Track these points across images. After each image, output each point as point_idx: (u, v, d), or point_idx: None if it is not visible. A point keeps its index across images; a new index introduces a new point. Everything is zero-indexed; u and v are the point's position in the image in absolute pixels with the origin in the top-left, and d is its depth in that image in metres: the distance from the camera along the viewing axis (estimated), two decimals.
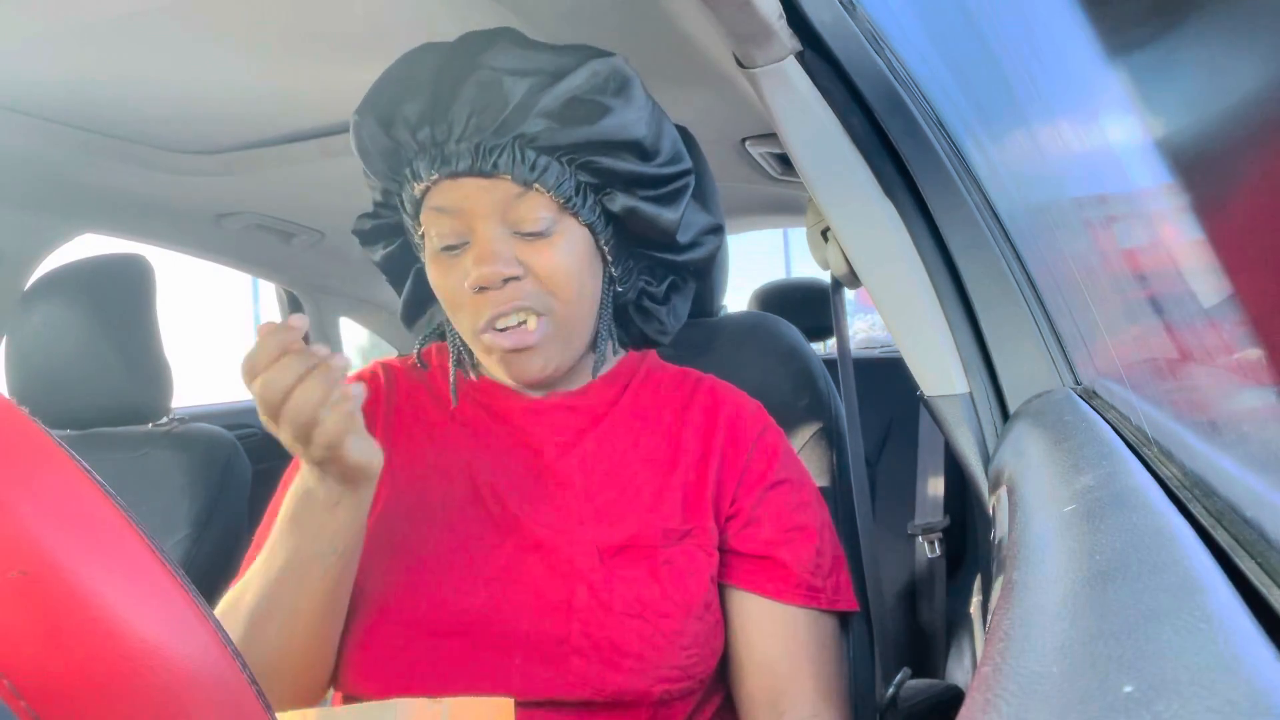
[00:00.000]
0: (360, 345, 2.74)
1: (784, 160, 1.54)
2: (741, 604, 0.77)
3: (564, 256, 0.73)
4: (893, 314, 0.85)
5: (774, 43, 0.75)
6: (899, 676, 0.89)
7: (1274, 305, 0.30)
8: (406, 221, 0.79)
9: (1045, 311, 0.81)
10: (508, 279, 0.72)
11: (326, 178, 1.43)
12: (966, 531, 1.69)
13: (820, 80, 0.79)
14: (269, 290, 2.25)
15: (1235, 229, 0.32)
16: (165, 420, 1.39)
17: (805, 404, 1.01)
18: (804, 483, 0.83)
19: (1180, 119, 0.36)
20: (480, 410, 0.83)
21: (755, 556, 0.77)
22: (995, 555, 0.55)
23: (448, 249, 0.74)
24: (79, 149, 1.27)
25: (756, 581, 0.77)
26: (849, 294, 1.06)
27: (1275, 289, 0.30)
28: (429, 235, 0.75)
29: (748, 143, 1.45)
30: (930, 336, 0.83)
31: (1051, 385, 0.79)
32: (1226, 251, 0.34)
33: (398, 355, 0.95)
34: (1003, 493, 0.59)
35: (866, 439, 1.61)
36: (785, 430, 0.87)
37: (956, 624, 1.59)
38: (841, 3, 0.78)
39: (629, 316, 0.86)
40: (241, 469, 1.38)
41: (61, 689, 0.27)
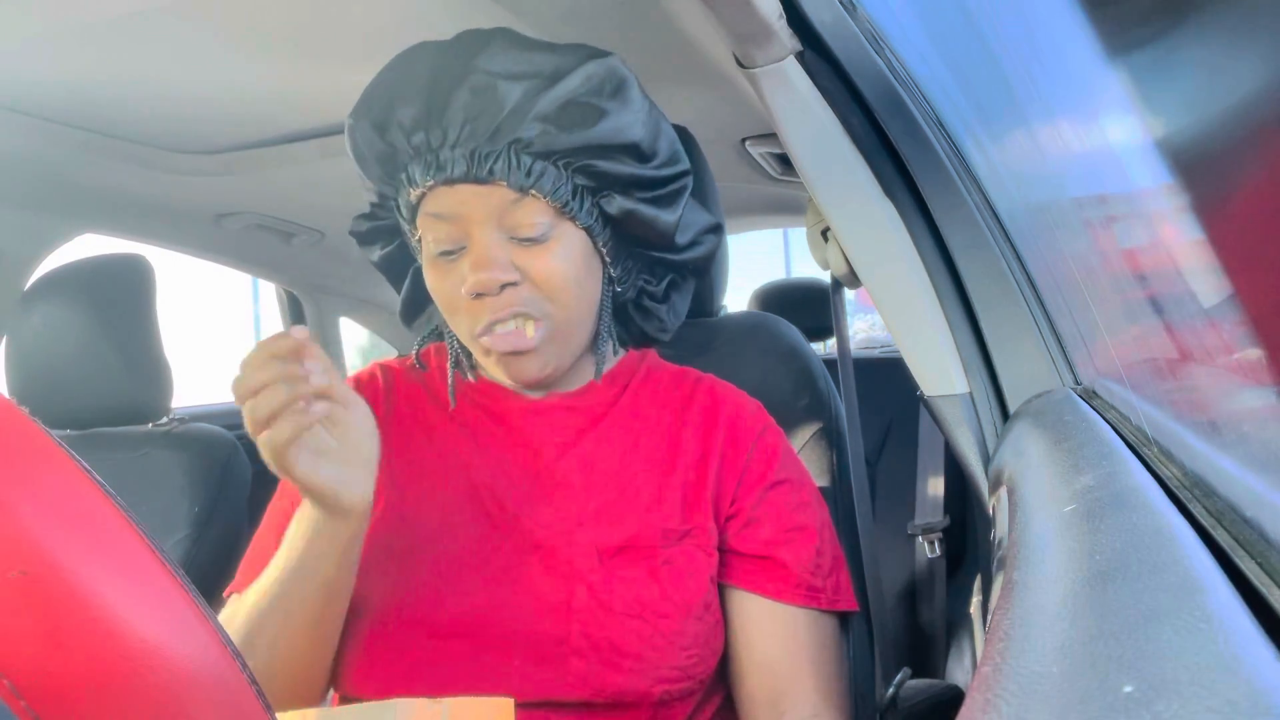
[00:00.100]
0: (360, 345, 2.74)
1: (784, 160, 1.54)
2: (741, 604, 0.77)
3: (561, 261, 0.73)
4: (893, 314, 0.85)
5: (774, 43, 0.75)
6: (899, 676, 0.89)
7: (1274, 305, 0.30)
8: (403, 226, 0.78)
9: (1045, 311, 0.81)
10: (505, 285, 0.72)
11: (326, 178, 1.43)
12: (966, 531, 1.69)
13: (820, 80, 0.79)
14: (269, 290, 2.25)
15: (1235, 229, 0.32)
16: (165, 420, 1.39)
17: (805, 404, 1.01)
18: (804, 483, 0.83)
19: (1180, 119, 0.36)
20: (479, 411, 0.83)
21: (755, 556, 0.77)
22: (995, 555, 0.55)
23: (444, 254, 0.74)
24: (79, 149, 1.27)
25: (756, 581, 0.77)
26: (849, 294, 1.06)
27: (1275, 289, 0.30)
28: (425, 240, 0.75)
29: (748, 143, 1.46)
30: (930, 336, 0.83)
31: (1051, 385, 0.79)
32: (1226, 251, 0.34)
33: (398, 355, 0.95)
34: (1003, 493, 0.59)
35: (866, 439, 1.61)
36: (785, 430, 0.87)
37: (956, 624, 1.59)
38: (841, 3, 0.78)
39: (628, 315, 0.85)
40: (241, 469, 1.38)
41: (61, 689, 0.27)
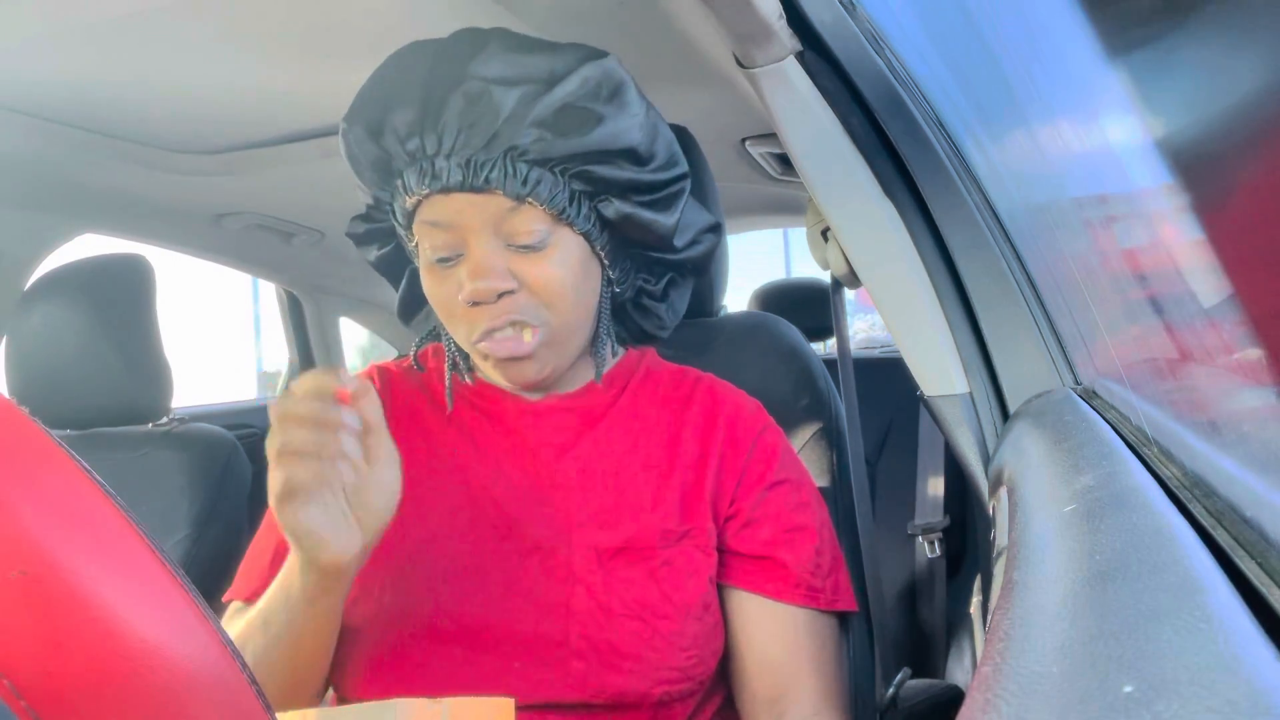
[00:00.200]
0: (360, 345, 2.74)
1: (784, 160, 1.54)
2: (741, 604, 0.77)
3: (558, 268, 0.73)
4: (893, 314, 0.85)
5: (774, 43, 0.75)
6: (899, 676, 0.89)
7: (1274, 305, 0.30)
8: (399, 231, 0.78)
9: (1045, 311, 0.81)
10: (502, 293, 0.71)
11: (326, 178, 1.43)
12: (966, 531, 1.69)
13: (820, 80, 0.79)
14: (269, 290, 2.26)
15: (1235, 229, 0.32)
16: (165, 420, 1.39)
17: (805, 404, 1.01)
18: (804, 483, 0.83)
19: (1180, 119, 0.36)
20: (477, 413, 0.82)
21: (755, 557, 0.77)
22: (995, 555, 0.55)
23: (441, 261, 0.73)
24: (79, 149, 1.27)
25: (756, 582, 0.77)
26: (849, 294, 1.06)
27: (1275, 289, 0.30)
28: (422, 247, 0.74)
29: (748, 143, 1.46)
30: (930, 336, 0.83)
31: (1051, 385, 0.79)
32: (1226, 251, 0.34)
33: (397, 355, 0.95)
34: (1003, 493, 0.59)
35: (866, 439, 1.61)
36: (785, 430, 0.87)
37: (956, 624, 1.59)
38: (841, 3, 0.78)
39: (627, 313, 0.85)
40: (241, 469, 1.38)
41: (61, 689, 0.27)
